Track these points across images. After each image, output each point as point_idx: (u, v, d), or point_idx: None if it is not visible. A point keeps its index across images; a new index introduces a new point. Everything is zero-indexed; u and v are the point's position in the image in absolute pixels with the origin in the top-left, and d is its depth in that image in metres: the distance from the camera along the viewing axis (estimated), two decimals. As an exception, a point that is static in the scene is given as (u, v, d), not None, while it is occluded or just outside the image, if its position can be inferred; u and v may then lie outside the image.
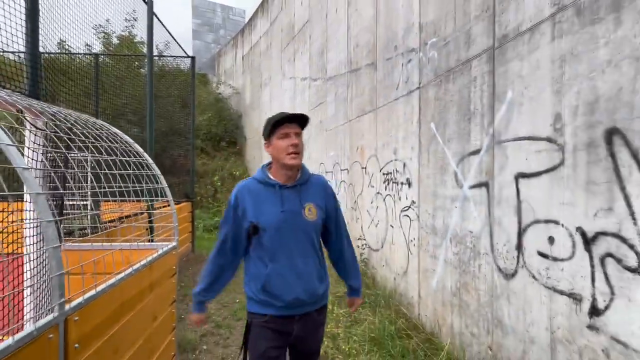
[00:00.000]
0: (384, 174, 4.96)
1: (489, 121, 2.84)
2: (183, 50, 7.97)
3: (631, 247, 1.73)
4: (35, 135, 2.40)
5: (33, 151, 2.27)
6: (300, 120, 1.75)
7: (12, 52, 3.12)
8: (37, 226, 2.71)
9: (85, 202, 4.05)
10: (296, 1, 10.06)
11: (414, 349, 3.31)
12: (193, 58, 8.00)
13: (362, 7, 5.80)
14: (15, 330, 1.30)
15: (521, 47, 2.49)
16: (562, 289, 2.14)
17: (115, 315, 1.89)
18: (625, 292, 1.77)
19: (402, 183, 4.41)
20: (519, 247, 2.50)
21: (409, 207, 4.22)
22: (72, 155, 2.98)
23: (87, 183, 3.55)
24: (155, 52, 7.58)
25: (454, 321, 3.29)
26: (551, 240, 2.22)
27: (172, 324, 2.89)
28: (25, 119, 2.26)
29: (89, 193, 3.79)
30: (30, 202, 2.46)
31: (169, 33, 6.41)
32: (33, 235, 2.64)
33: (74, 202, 3.96)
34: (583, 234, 1.99)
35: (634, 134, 1.72)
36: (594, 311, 1.93)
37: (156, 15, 5.22)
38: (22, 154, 2.11)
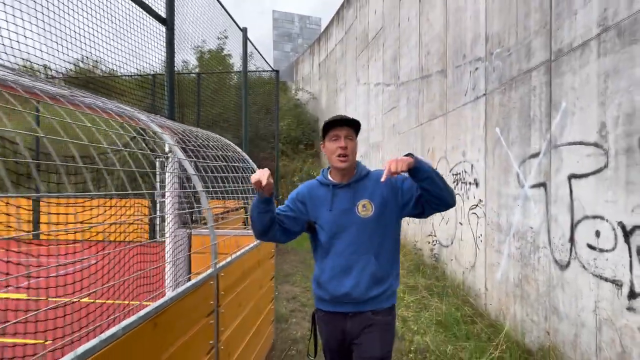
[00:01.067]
0: (453, 174, 5.29)
1: (546, 127, 3.13)
2: (268, 64, 8.97)
3: (660, 238, 2.02)
4: (171, 148, 3.29)
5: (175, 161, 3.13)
6: (353, 124, 1.79)
7: (159, 75, 4.12)
8: (174, 215, 3.62)
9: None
10: (370, 10, 10.58)
11: (478, 333, 3.68)
12: (277, 72, 8.95)
13: (432, 17, 6.15)
14: (160, 296, 2.04)
15: (574, 62, 2.78)
16: (606, 276, 2.42)
17: (241, 278, 2.63)
18: (656, 277, 2.05)
19: (469, 183, 4.74)
20: (572, 240, 2.79)
21: (476, 205, 4.53)
22: (193, 161, 3.88)
23: (204, 183, 4.48)
24: (241, 63, 8.68)
25: (516, 310, 3.59)
26: (597, 233, 2.51)
27: (272, 296, 3.64)
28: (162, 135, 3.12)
29: (193, 192, 4.75)
30: (171, 197, 3.36)
31: (260, 54, 7.36)
32: (173, 223, 3.56)
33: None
34: (623, 228, 2.28)
35: (662, 142, 2.00)
36: (632, 295, 2.21)
37: (250, 40, 6.13)
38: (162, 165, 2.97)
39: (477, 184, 4.54)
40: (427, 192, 1.64)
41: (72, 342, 1.22)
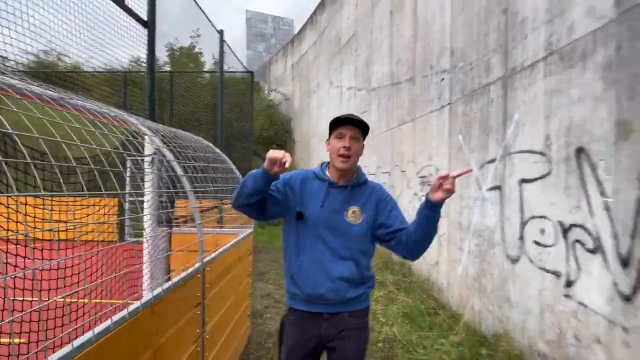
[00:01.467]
0: (420, 177, 5.64)
1: (501, 136, 3.49)
2: (243, 65, 9.06)
3: (590, 234, 2.37)
4: (153, 148, 3.40)
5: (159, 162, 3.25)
6: (362, 127, 1.73)
7: (139, 73, 4.16)
8: (154, 215, 3.71)
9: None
10: (343, 16, 10.88)
11: (440, 323, 4.01)
12: (252, 73, 9.06)
13: (403, 28, 6.50)
14: (136, 298, 2.14)
15: (525, 80, 3.13)
16: (548, 268, 2.78)
17: (223, 273, 2.80)
18: (586, 268, 2.41)
19: (435, 185, 5.08)
20: (522, 237, 3.14)
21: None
22: (181, 163, 3.99)
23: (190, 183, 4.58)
24: (214, 62, 8.70)
25: (474, 302, 3.94)
26: (542, 231, 2.86)
27: (249, 291, 3.81)
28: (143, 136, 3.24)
29: (175, 192, 4.84)
30: (151, 197, 3.46)
31: (236, 56, 7.47)
32: (151, 224, 3.64)
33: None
34: (562, 226, 2.63)
35: (592, 153, 2.36)
36: (568, 284, 2.57)
37: (226, 43, 6.24)
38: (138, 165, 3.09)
39: (441, 187, 4.88)
40: (420, 228, 1.64)
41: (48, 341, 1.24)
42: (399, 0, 6.65)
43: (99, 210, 3.00)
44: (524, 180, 3.12)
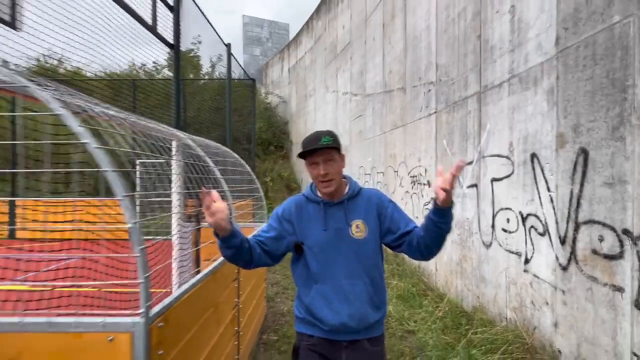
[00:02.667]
0: (411, 176, 6.31)
1: (477, 142, 4.16)
2: (246, 73, 9.66)
3: (540, 221, 3.05)
4: (178, 154, 4.01)
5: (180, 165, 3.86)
6: (333, 143, 1.59)
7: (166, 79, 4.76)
8: (179, 216, 4.30)
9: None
10: (338, 25, 11.52)
11: (429, 302, 4.67)
12: (254, 80, 9.67)
13: (394, 41, 7.16)
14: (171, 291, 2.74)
15: (494, 96, 3.80)
16: (512, 250, 3.45)
17: (249, 257, 3.43)
18: (538, 248, 3.08)
19: (423, 184, 5.75)
20: (493, 226, 3.82)
21: (429, 202, 5.55)
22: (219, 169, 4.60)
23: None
24: (210, 65, 9.19)
25: (457, 283, 4.61)
26: (508, 220, 3.53)
27: (264, 277, 4.44)
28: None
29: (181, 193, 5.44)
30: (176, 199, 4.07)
31: (240, 66, 8.07)
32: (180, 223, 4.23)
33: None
34: (522, 215, 3.31)
35: (541, 158, 3.03)
36: (526, 261, 3.24)
37: (233, 55, 6.85)
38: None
39: (429, 185, 5.56)
40: (427, 232, 1.54)
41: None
42: (391, 15, 7.31)
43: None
44: (494, 179, 3.79)
